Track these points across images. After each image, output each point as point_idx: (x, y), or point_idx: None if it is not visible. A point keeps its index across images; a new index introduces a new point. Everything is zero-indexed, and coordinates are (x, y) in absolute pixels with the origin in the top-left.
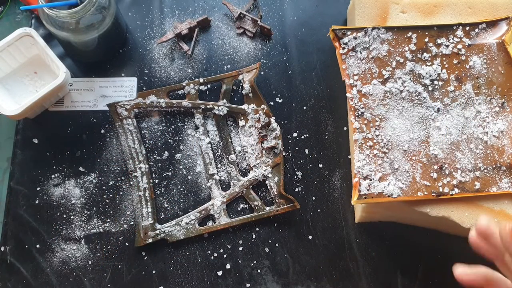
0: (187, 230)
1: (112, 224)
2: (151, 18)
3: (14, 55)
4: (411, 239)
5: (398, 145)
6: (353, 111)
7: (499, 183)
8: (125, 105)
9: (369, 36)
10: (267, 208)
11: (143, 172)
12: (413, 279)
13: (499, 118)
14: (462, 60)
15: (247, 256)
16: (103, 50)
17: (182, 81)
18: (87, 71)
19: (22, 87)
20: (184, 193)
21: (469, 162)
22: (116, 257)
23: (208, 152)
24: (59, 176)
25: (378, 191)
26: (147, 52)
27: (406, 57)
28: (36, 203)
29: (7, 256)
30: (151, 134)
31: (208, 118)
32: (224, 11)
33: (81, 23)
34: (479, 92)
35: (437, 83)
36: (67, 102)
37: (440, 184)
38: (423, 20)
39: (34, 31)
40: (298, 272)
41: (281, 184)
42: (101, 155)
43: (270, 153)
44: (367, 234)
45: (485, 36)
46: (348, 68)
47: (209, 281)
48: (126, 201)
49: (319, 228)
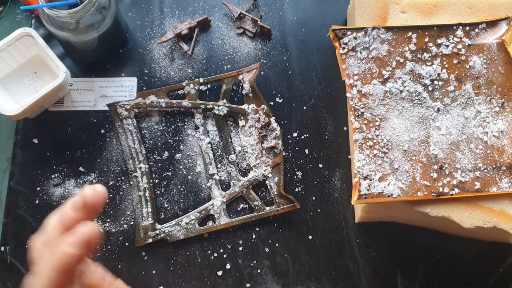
0: (187, 230)
1: (112, 224)
2: (151, 18)
3: (14, 55)
4: (411, 239)
5: (398, 145)
6: (353, 111)
7: (499, 183)
8: (125, 105)
9: (369, 36)
10: (267, 208)
11: (143, 172)
12: (413, 279)
13: (499, 118)
14: (462, 60)
15: (247, 256)
16: (103, 50)
17: (182, 81)
18: (87, 71)
19: (22, 87)
20: (184, 193)
21: (469, 162)
22: (116, 257)
23: (208, 152)
24: (59, 176)
25: (378, 191)
26: (147, 52)
27: (406, 57)
28: (36, 203)
29: (7, 256)
30: (151, 134)
31: (208, 118)
32: (224, 11)
33: (81, 23)
34: (479, 92)
35: (437, 83)
36: (67, 102)
37: (440, 184)
38: (423, 20)
39: (34, 31)
40: (298, 272)
41: (281, 184)
42: (101, 155)
43: (270, 153)
44: (367, 234)
45: (485, 36)
46: (348, 68)
47: (209, 281)
48: (126, 201)
49: (319, 228)
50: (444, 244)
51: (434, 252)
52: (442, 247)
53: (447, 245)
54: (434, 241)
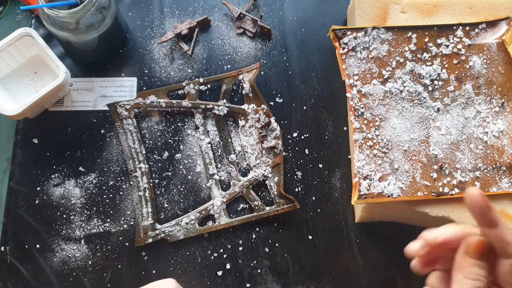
0: (187, 230)
1: (112, 224)
2: (151, 18)
3: (14, 55)
4: (411, 239)
5: (398, 145)
6: (353, 111)
7: (499, 183)
8: (125, 105)
9: (369, 36)
10: (267, 208)
11: (143, 172)
12: (413, 279)
13: (499, 118)
14: (462, 60)
15: (247, 256)
16: (103, 50)
17: (182, 81)
18: (87, 71)
19: (22, 87)
20: (184, 193)
21: (469, 162)
22: (116, 257)
23: (208, 152)
24: (59, 176)
25: (378, 191)
26: (147, 52)
27: (406, 57)
28: (36, 203)
29: (7, 256)
30: (151, 134)
31: (208, 118)
32: (224, 11)
33: (81, 23)
34: (479, 92)
35: (437, 83)
36: (67, 102)
37: (440, 184)
38: (423, 20)
39: (34, 31)
40: (298, 272)
41: (281, 184)
42: (101, 155)
43: (270, 153)
44: (367, 234)
45: (485, 36)
46: (348, 68)
47: (209, 281)
48: (126, 201)
49: (319, 228)
50: None
51: None
52: None
53: None
54: None
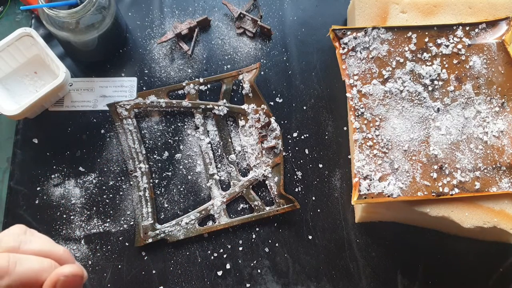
0: (187, 230)
1: (112, 224)
2: (151, 18)
3: (14, 55)
4: (411, 239)
5: (398, 145)
6: (353, 111)
7: (499, 183)
8: (125, 105)
9: (369, 36)
10: (267, 208)
11: (143, 172)
12: (413, 279)
13: (499, 118)
14: (462, 60)
15: (247, 256)
16: (103, 50)
17: (182, 81)
18: (87, 71)
19: (22, 87)
20: (184, 193)
21: (469, 162)
22: (116, 257)
23: (208, 152)
24: (59, 176)
25: (378, 191)
26: (147, 52)
27: (406, 57)
28: (36, 203)
29: None
30: (151, 134)
31: (208, 118)
32: (224, 11)
33: (81, 23)
34: (479, 92)
35: (437, 83)
36: (67, 102)
37: (440, 184)
38: (423, 20)
39: (34, 31)
40: (298, 272)
41: (281, 184)
42: (101, 155)
43: (270, 153)
44: (367, 234)
45: (485, 36)
46: (348, 68)
47: (209, 281)
48: (126, 201)
49: (319, 228)
50: (444, 244)
51: (434, 252)
52: (442, 247)
53: (447, 245)
54: (434, 241)
